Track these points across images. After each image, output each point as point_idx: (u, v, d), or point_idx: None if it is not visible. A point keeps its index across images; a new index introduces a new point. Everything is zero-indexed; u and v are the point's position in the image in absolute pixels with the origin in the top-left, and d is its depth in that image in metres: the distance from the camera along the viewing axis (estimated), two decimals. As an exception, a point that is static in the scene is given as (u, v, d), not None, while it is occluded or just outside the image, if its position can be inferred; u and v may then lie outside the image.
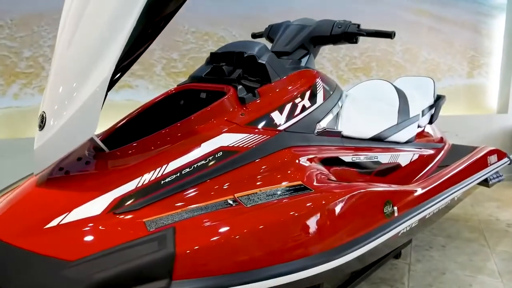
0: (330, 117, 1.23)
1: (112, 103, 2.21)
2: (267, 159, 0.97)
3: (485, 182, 1.81)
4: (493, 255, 1.76)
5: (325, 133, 1.20)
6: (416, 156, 1.61)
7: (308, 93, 1.16)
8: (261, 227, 0.78)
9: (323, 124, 1.19)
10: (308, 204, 0.86)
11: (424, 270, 1.62)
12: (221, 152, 0.92)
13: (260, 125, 1.02)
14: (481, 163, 1.73)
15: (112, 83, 0.91)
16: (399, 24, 2.74)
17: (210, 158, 0.90)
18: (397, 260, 1.68)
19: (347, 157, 1.25)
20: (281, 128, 1.05)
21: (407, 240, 1.53)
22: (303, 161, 1.04)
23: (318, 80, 1.22)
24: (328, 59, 2.62)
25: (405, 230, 1.13)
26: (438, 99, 1.84)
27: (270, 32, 1.44)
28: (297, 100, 1.12)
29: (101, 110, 0.79)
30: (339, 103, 1.29)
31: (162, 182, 0.84)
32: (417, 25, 2.80)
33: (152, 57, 2.25)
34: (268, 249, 0.78)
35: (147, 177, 0.83)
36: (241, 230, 0.77)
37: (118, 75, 0.95)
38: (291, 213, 0.83)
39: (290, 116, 1.09)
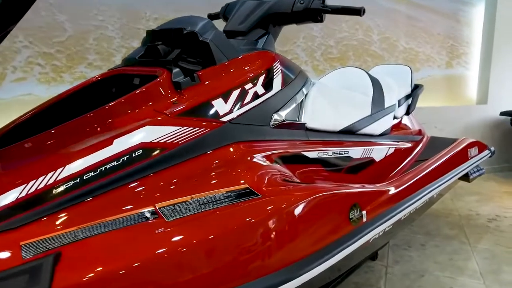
0: (291, 106, 1.06)
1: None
2: (206, 157, 0.80)
3: (465, 177, 1.71)
4: (474, 253, 1.66)
5: (285, 125, 1.03)
6: (391, 150, 1.48)
7: (262, 78, 0.99)
8: (182, 248, 0.61)
9: (282, 114, 1.03)
10: (250, 214, 0.70)
11: (402, 272, 1.51)
12: (140, 150, 0.73)
13: (197, 115, 0.84)
14: (462, 156, 1.63)
15: None
16: (376, 11, 2.63)
17: (125, 158, 0.72)
18: (373, 262, 1.57)
19: (313, 153, 1.10)
20: (225, 119, 0.88)
21: (384, 243, 1.41)
22: (256, 159, 0.87)
23: (276, 64, 1.04)
24: (302, 48, 2.49)
25: (377, 236, 0.99)
26: (416, 88, 1.73)
27: (226, 11, 1.26)
28: (247, 86, 0.95)
29: None
30: (303, 90, 1.13)
31: (54, 191, 0.66)
32: (395, 13, 2.70)
33: (111, 46, 2.07)
34: (188, 277, 0.62)
35: (34, 185, 0.65)
36: (154, 254, 0.59)
37: None
38: (226, 227, 0.67)
39: (237, 104, 0.92)
